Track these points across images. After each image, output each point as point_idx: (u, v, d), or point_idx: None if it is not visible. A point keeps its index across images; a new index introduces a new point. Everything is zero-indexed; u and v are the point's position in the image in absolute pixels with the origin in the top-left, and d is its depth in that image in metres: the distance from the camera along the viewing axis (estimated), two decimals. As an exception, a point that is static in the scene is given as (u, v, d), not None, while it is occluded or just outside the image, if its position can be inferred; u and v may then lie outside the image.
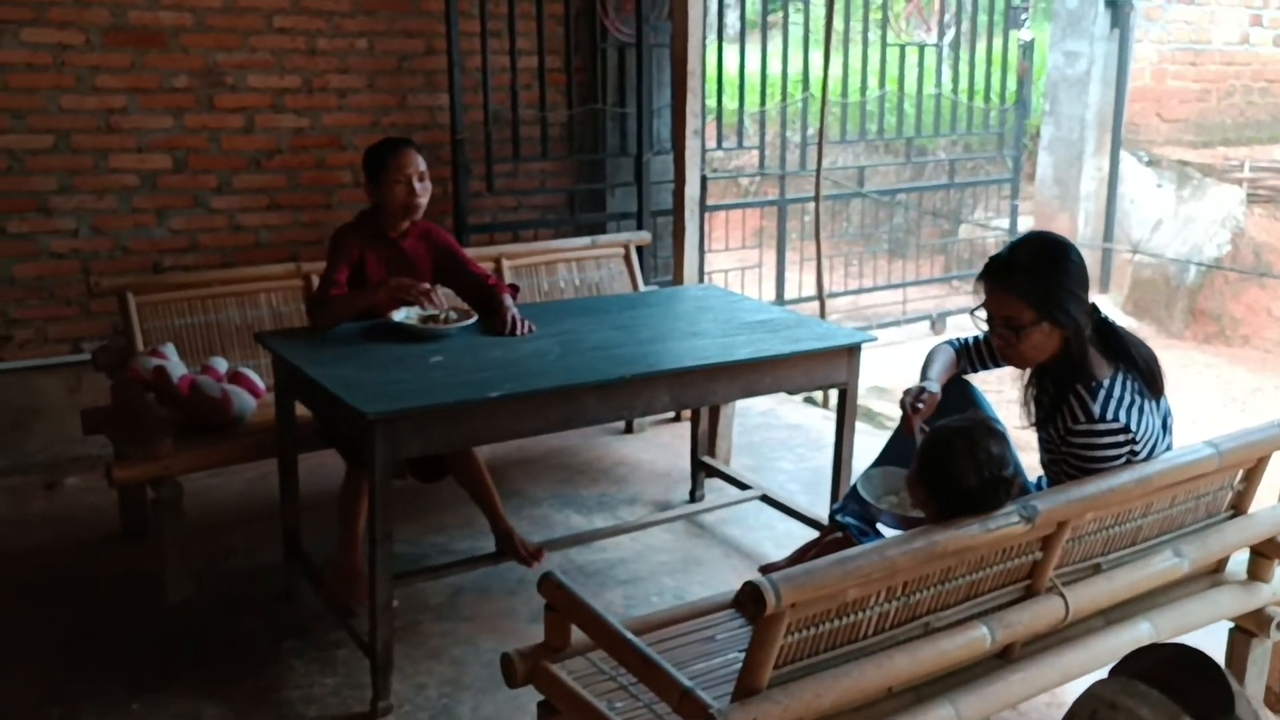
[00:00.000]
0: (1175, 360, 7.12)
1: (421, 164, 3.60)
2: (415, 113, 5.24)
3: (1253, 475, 2.68)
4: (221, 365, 3.90)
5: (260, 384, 3.86)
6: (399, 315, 3.48)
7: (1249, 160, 8.62)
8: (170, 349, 3.85)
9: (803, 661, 1.99)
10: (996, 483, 2.18)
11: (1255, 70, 9.63)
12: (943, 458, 2.23)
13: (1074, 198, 8.57)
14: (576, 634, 2.35)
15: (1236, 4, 9.34)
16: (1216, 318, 7.73)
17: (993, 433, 2.29)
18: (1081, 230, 8.50)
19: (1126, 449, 2.41)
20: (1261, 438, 2.58)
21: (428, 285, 3.55)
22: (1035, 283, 2.45)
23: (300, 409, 3.44)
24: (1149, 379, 2.47)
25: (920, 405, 2.75)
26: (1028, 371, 2.56)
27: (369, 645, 2.98)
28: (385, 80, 5.14)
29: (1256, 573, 2.71)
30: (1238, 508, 2.70)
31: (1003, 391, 3.21)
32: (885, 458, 2.89)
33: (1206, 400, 6.37)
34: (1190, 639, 2.65)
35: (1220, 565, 2.72)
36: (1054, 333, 2.47)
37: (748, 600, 1.82)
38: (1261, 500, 2.76)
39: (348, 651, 3.26)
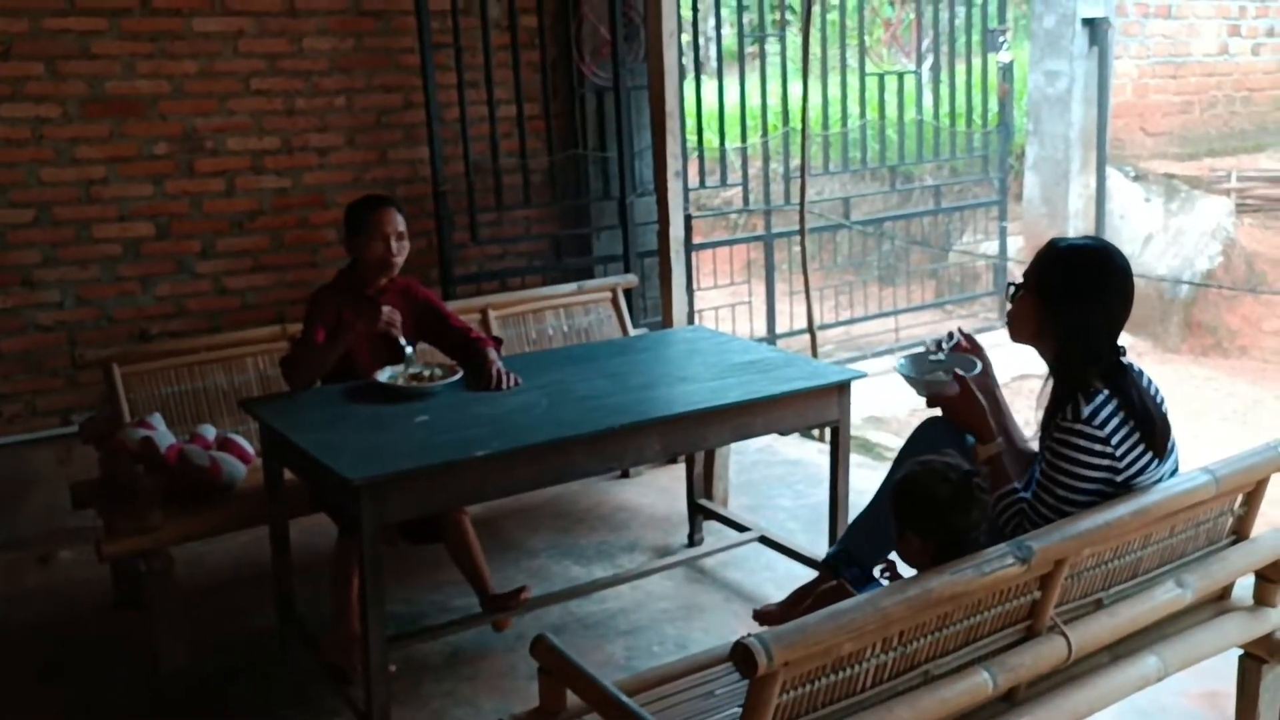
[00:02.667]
0: (1173, 375, 7.09)
1: (400, 223, 3.59)
2: (396, 167, 5.23)
3: (1253, 499, 2.63)
4: (210, 432, 3.86)
5: (249, 449, 3.82)
6: (383, 375, 3.45)
7: (1235, 170, 8.62)
8: (157, 418, 3.82)
9: (801, 719, 1.94)
10: (965, 478, 2.21)
11: (1236, 80, 9.67)
12: (907, 493, 2.26)
13: (1063, 216, 8.57)
14: (573, 695, 2.30)
15: (1213, 15, 9.38)
16: (1212, 330, 7.70)
17: (932, 452, 2.32)
18: (1072, 248, 8.47)
19: (1105, 464, 2.36)
20: (1258, 461, 2.55)
21: (398, 312, 3.52)
22: (1055, 259, 2.49)
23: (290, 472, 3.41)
24: (1148, 432, 2.42)
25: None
26: (1043, 390, 2.54)
27: (365, 712, 2.93)
28: (365, 136, 5.14)
29: (1263, 598, 2.66)
30: (1239, 533, 2.66)
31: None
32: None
33: (1207, 414, 6.33)
34: (1200, 669, 2.61)
35: (1225, 592, 2.67)
36: (1037, 313, 2.48)
37: (739, 660, 1.77)
38: (1264, 523, 2.72)
39: (345, 718, 3.21)
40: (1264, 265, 7.74)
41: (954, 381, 2.63)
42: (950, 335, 2.84)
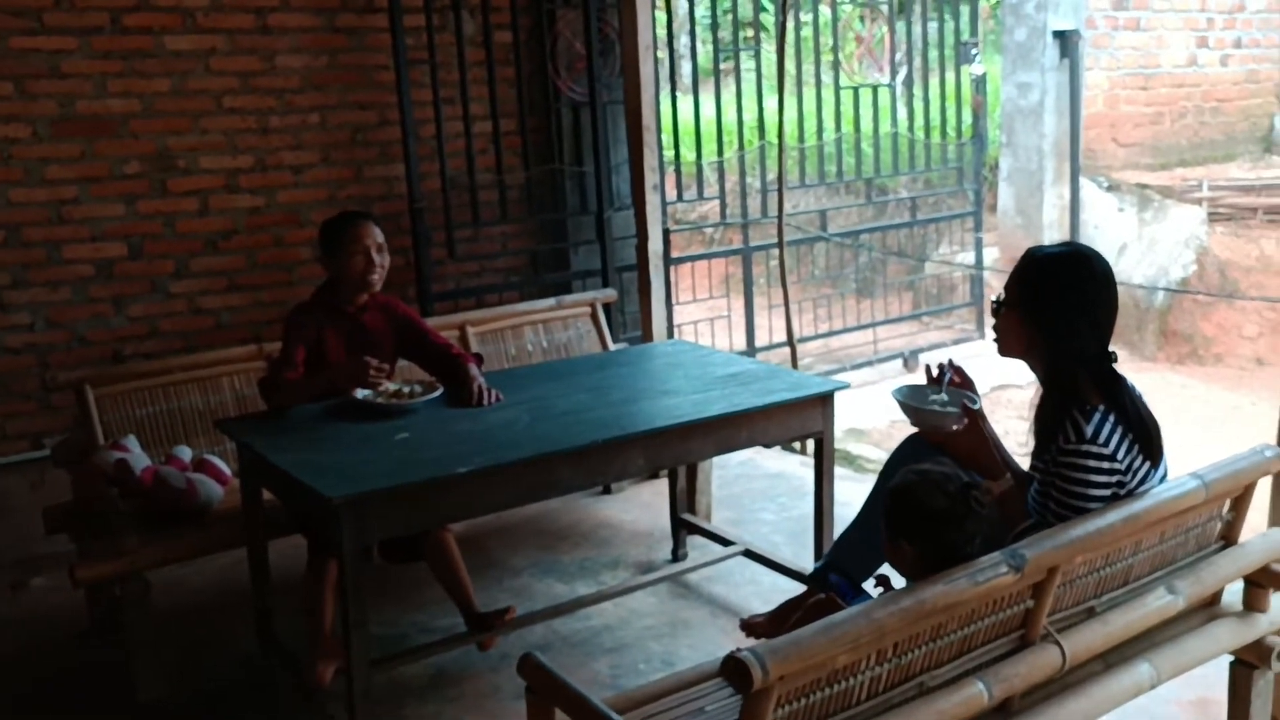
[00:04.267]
0: (1151, 384, 7.11)
1: (379, 236, 3.56)
2: (372, 184, 5.20)
3: (1240, 504, 2.62)
4: (186, 454, 3.81)
5: (226, 470, 3.77)
6: (362, 392, 3.41)
7: (1206, 180, 8.70)
8: (132, 440, 3.77)
9: (796, 734, 1.91)
10: (964, 490, 2.18)
11: (1205, 91, 9.77)
12: (902, 502, 2.23)
13: (1037, 227, 8.62)
14: (561, 715, 2.26)
15: (1181, 27, 9.48)
16: (1188, 338, 7.75)
17: (929, 460, 2.30)
18: (1047, 259, 8.53)
19: (1114, 480, 2.35)
20: (1246, 465, 2.54)
21: (385, 365, 3.47)
22: (1035, 272, 2.46)
23: (268, 492, 3.35)
24: (1145, 440, 2.41)
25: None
26: (1035, 401, 2.52)
27: (349, 738, 2.88)
28: (340, 154, 5.10)
29: (1252, 603, 2.65)
30: (1228, 538, 2.65)
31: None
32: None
33: (1185, 422, 6.36)
34: (1190, 676, 2.60)
35: (1215, 598, 2.65)
36: (1023, 329, 2.46)
37: (733, 675, 1.74)
38: (1251, 528, 2.71)
39: (328, 745, 3.15)
40: (1236, 273, 7.80)
41: (961, 417, 2.60)
42: (942, 368, 2.81)
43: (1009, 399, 6.82)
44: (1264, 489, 2.75)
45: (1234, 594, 2.69)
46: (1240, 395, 7.06)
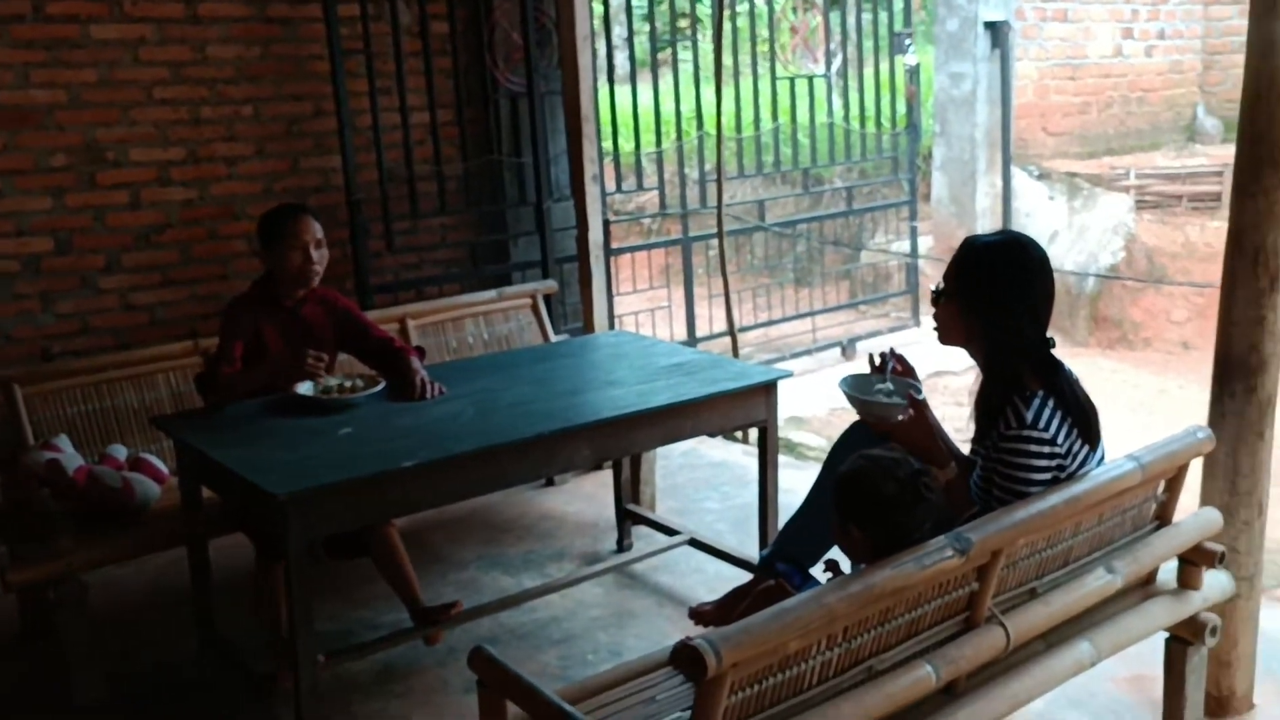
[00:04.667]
0: (1082, 368, 7.21)
1: (318, 230, 3.51)
2: (308, 176, 5.12)
3: (1174, 485, 2.70)
4: (121, 452, 3.73)
5: (163, 469, 3.70)
6: (303, 388, 3.36)
7: (1133, 168, 8.89)
8: (64, 440, 3.68)
9: (749, 720, 1.93)
10: (913, 476, 2.21)
11: (1130, 81, 9.97)
12: (853, 487, 2.25)
13: (971, 215, 8.75)
14: (514, 706, 2.25)
15: (1107, 19, 9.66)
16: (1118, 323, 7.92)
17: (878, 445, 2.32)
18: (980, 247, 8.66)
19: (1054, 463, 2.40)
20: (1180, 447, 2.61)
21: (324, 356, 3.43)
22: (974, 262, 2.49)
23: (207, 490, 3.30)
24: (1084, 423, 2.46)
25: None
26: (976, 387, 2.55)
27: (296, 737, 2.84)
28: (275, 145, 5.02)
29: (1186, 581, 2.72)
30: (1163, 518, 2.72)
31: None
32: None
33: (1116, 406, 6.50)
34: (1125, 654, 2.66)
35: (1151, 577, 2.72)
36: (962, 318, 2.50)
37: (686, 663, 1.75)
38: (1184, 509, 2.78)
39: (274, 744, 3.12)
40: (1163, 259, 7.98)
41: (907, 407, 2.62)
42: (884, 357, 2.83)
43: (945, 385, 6.92)
44: (1195, 470, 2.82)
45: (1169, 572, 2.77)
46: (1168, 379, 7.23)
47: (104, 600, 3.71)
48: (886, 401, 2.71)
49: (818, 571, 2.82)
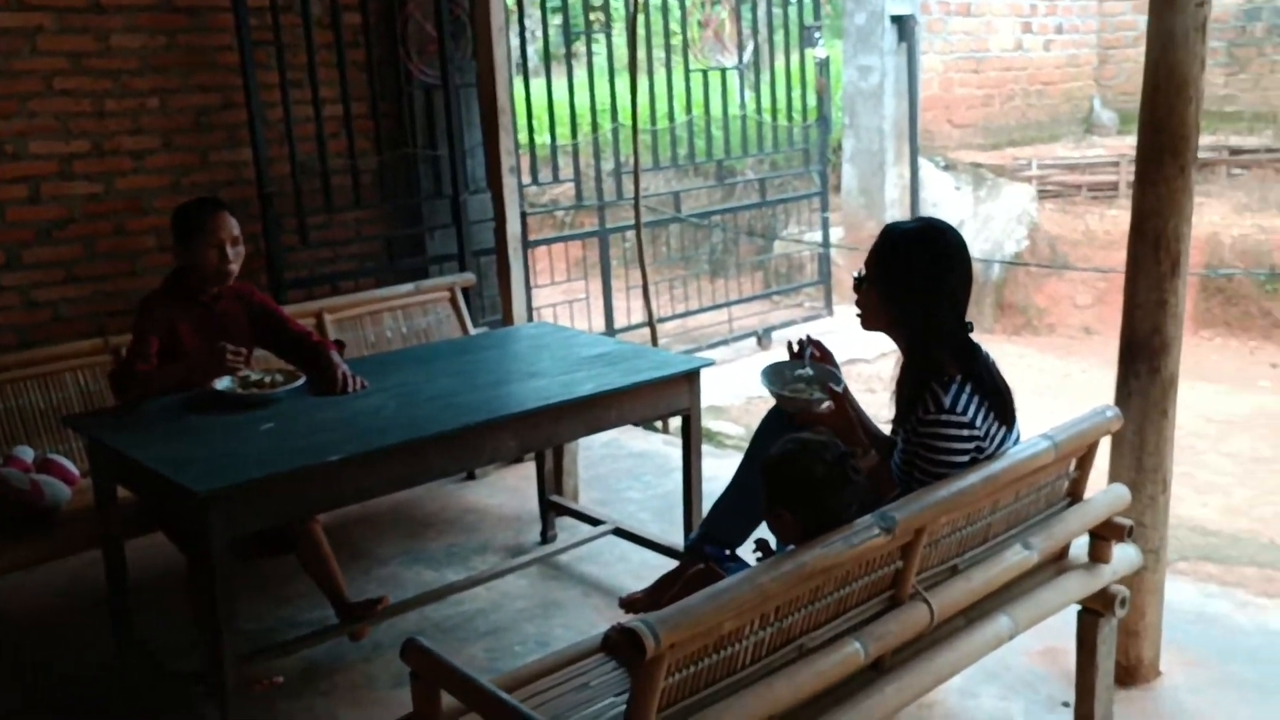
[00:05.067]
0: (990, 354, 7.45)
1: (235, 227, 3.45)
2: (218, 169, 5.01)
3: (1085, 462, 2.79)
4: (28, 454, 3.63)
5: (73, 470, 3.61)
6: (221, 383, 3.30)
7: (1035, 159, 9.14)
8: (-33, 442, 3.57)
9: (685, 701, 1.95)
10: (841, 459, 2.26)
11: (1030, 74, 10.24)
12: (783, 470, 2.29)
13: (880, 206, 8.91)
14: (447, 698, 2.25)
15: (1008, 13, 9.91)
16: (1023, 310, 8.14)
17: (805, 429, 2.36)
18: (890, 237, 8.83)
19: (973, 445, 2.47)
20: (1090, 425, 2.70)
21: (242, 350, 3.38)
22: (893, 249, 2.55)
23: (122, 490, 3.22)
24: (1000, 405, 2.54)
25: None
26: (898, 369, 2.61)
27: (221, 737, 2.80)
28: (183, 138, 4.90)
29: (1097, 555, 2.82)
30: (1074, 495, 2.81)
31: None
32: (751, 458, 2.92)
33: (1021, 390, 6.68)
34: (1038, 628, 2.74)
35: (1064, 552, 2.81)
36: (884, 303, 2.55)
37: (626, 646, 1.77)
38: (1092, 486, 2.88)
39: (198, 746, 3.06)
40: (1065, 246, 8.23)
41: (827, 399, 2.67)
42: (802, 345, 2.87)
43: (858, 373, 7.04)
44: (1104, 448, 2.92)
45: (1080, 547, 2.86)
46: (1071, 363, 7.46)
47: (16, 606, 3.60)
48: (807, 396, 2.75)
49: (744, 553, 2.87)
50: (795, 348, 2.87)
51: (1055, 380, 7.02)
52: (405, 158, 5.48)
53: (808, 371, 2.81)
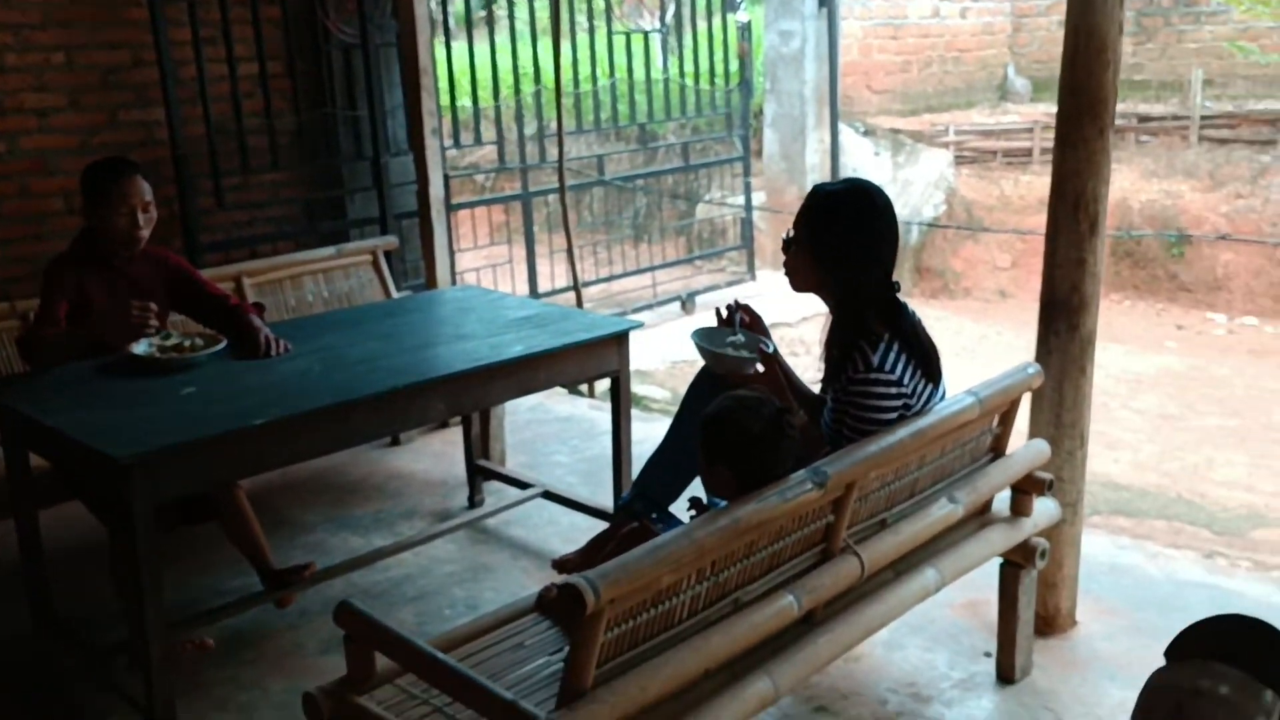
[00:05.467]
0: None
1: (147, 192, 3.34)
2: (128, 129, 4.86)
3: (1007, 418, 2.85)
4: (-67, 423, 3.49)
5: (-18, 439, 3.48)
6: (139, 347, 3.21)
7: (952, 125, 9.26)
8: None
9: (623, 656, 1.96)
10: (777, 415, 2.27)
11: (947, 41, 10.37)
12: (720, 427, 2.29)
13: (801, 171, 8.97)
14: (381, 661, 2.23)
15: (925, -20, 10.02)
16: (940, 273, 8.28)
17: (740, 386, 2.38)
18: (810, 201, 8.90)
19: (900, 403, 2.51)
20: (1013, 382, 2.76)
21: (153, 306, 3.29)
22: (821, 209, 2.56)
23: (37, 459, 3.13)
24: (926, 363, 2.58)
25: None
26: (827, 329, 2.63)
27: (147, 708, 2.75)
28: (91, 96, 4.74)
29: (1019, 508, 2.89)
30: (997, 450, 2.88)
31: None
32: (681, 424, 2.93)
33: (941, 352, 6.81)
34: (960, 582, 2.81)
35: (987, 506, 2.88)
36: (813, 264, 2.57)
37: (566, 601, 1.77)
38: (1014, 442, 2.95)
39: (123, 716, 2.99)
40: (981, 211, 8.37)
41: (757, 360, 2.69)
42: (731, 310, 2.87)
43: (781, 336, 7.09)
44: (1024, 404, 2.99)
45: (1001, 501, 2.93)
46: (987, 325, 7.61)
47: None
48: (737, 356, 2.77)
49: (677, 510, 2.89)
50: (725, 314, 2.88)
51: (972, 342, 7.17)
52: (324, 118, 5.37)
53: (739, 338, 2.82)
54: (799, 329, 7.07)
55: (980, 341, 7.18)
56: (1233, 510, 5.06)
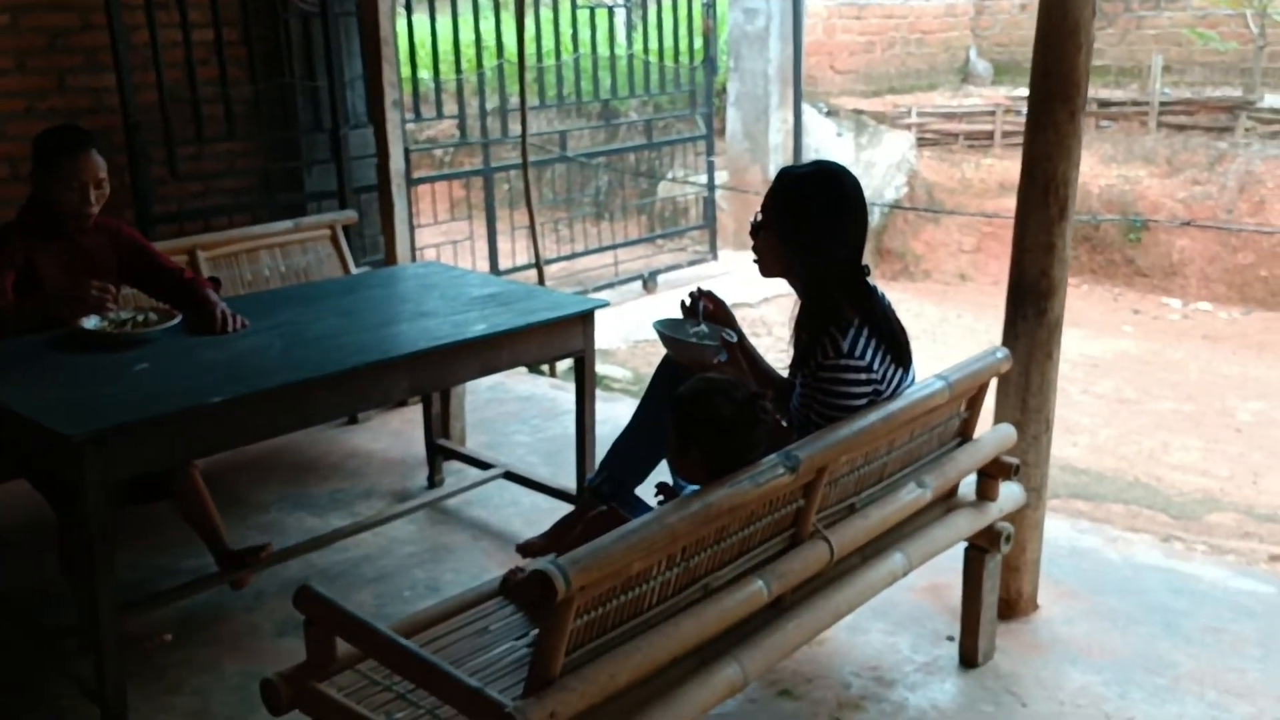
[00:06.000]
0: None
1: (101, 168, 3.23)
2: (77, 95, 4.72)
3: (975, 403, 2.84)
4: (-127, 397, 3.37)
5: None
6: (90, 322, 3.12)
7: (914, 107, 9.26)
8: None
9: (592, 643, 1.93)
10: (748, 400, 2.23)
11: (910, 23, 10.37)
12: (693, 409, 2.26)
13: (764, 150, 8.93)
14: (342, 646, 2.18)
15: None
16: (901, 255, 8.29)
17: (712, 370, 2.35)
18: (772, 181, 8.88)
19: (870, 389, 2.49)
20: (982, 366, 2.75)
21: (110, 286, 3.20)
22: (790, 192, 2.53)
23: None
24: (896, 348, 2.55)
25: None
26: (795, 312, 2.60)
27: (98, 692, 2.68)
28: (37, 60, 4.59)
29: (985, 493, 2.89)
30: (964, 434, 2.87)
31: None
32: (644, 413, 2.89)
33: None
34: (931, 562, 2.80)
35: (953, 490, 2.87)
36: (782, 248, 2.54)
37: (537, 588, 1.73)
38: (980, 427, 2.94)
39: (71, 702, 2.91)
40: (942, 194, 8.39)
41: (721, 349, 2.64)
42: (695, 298, 2.81)
43: (742, 317, 7.02)
44: (991, 389, 2.98)
45: (968, 485, 2.93)
46: (946, 308, 7.64)
47: None
48: (699, 344, 2.71)
49: (642, 492, 2.85)
50: (689, 302, 2.83)
51: (932, 325, 7.19)
52: (282, 88, 5.25)
53: (702, 329, 2.77)
54: (760, 309, 7.06)
55: (941, 324, 7.20)
56: (1188, 494, 5.12)
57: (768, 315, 6.98)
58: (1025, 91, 2.99)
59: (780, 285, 2.67)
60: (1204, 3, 10.22)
